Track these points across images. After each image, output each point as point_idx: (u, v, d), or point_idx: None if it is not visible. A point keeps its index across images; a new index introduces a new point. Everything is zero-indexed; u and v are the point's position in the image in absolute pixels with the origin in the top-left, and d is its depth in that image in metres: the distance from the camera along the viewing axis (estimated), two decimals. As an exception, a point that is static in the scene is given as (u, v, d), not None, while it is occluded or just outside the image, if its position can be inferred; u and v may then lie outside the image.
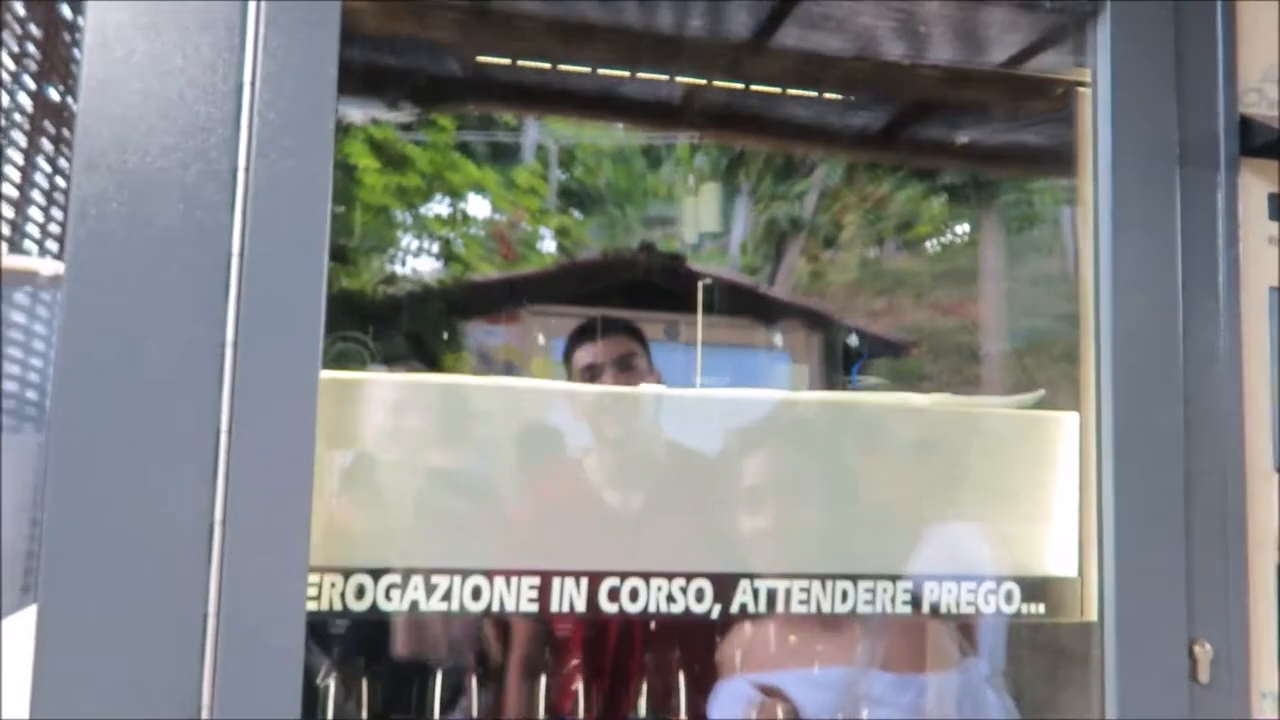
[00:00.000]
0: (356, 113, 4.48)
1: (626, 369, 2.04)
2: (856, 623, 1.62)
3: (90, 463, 0.98)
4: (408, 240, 5.14)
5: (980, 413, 1.40)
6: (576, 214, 6.19)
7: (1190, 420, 1.29)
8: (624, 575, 1.23)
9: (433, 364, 4.42)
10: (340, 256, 4.51)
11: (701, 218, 5.72)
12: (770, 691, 1.65)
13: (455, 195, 5.05)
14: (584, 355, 2.07)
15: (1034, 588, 1.33)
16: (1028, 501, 1.35)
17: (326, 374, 1.06)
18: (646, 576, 1.24)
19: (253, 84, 1.04)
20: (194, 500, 0.99)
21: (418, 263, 4.87)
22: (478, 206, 5.30)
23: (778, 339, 4.97)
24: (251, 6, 1.05)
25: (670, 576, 1.25)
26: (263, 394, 1.02)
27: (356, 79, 1.10)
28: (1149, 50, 1.28)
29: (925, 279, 10.45)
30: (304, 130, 1.05)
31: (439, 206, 5.08)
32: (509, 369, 4.81)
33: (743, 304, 5.23)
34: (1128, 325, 1.26)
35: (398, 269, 4.75)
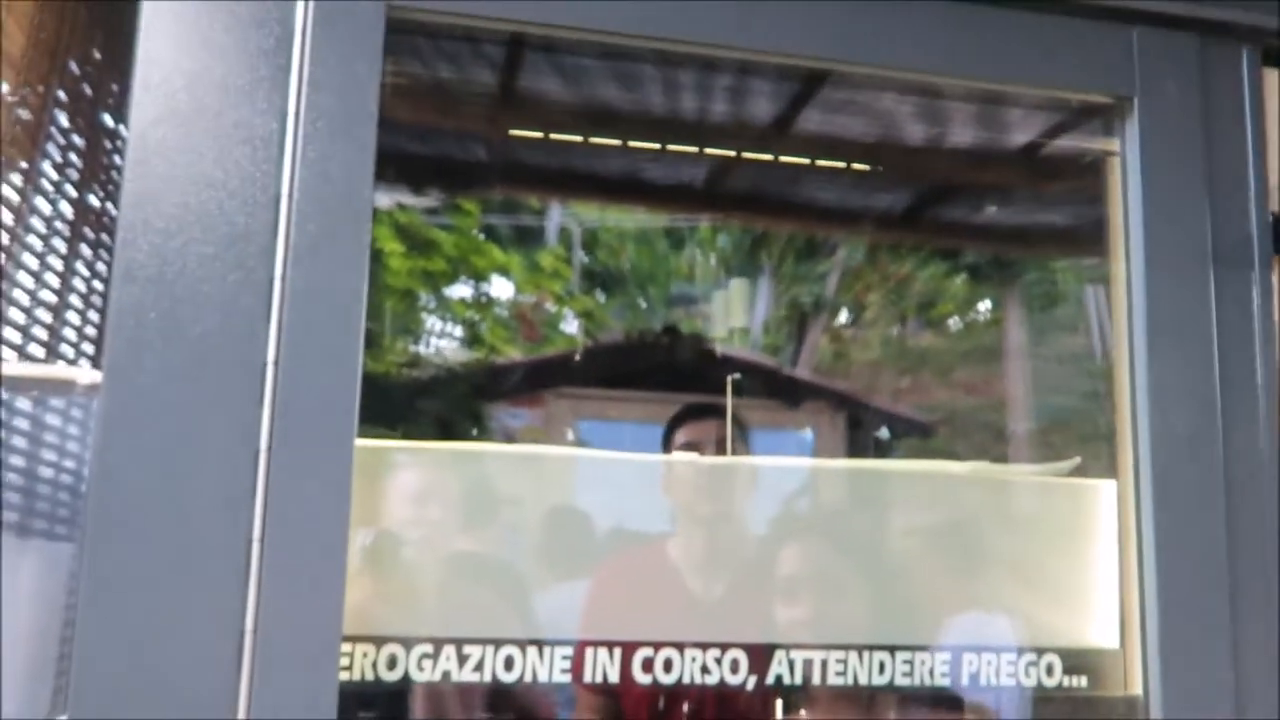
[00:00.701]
0: (383, 198, 4.55)
1: (726, 453, 2.07)
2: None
3: (123, 571, 0.98)
4: (432, 323, 5.18)
5: (1017, 480, 1.39)
6: (600, 296, 6.23)
7: (1233, 502, 1.27)
8: (658, 645, 1.22)
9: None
10: (365, 340, 4.53)
11: (731, 311, 5.76)
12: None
13: (479, 279, 5.10)
14: (685, 433, 2.09)
15: (1076, 659, 1.31)
16: (1067, 570, 1.33)
17: (359, 443, 1.06)
18: (680, 647, 1.23)
19: (290, 195, 1.05)
20: (226, 608, 0.99)
21: (441, 346, 4.90)
22: (501, 289, 5.35)
23: (803, 421, 4.95)
24: (290, 121, 1.07)
25: (705, 647, 1.24)
26: (298, 499, 1.02)
27: (383, 165, 1.12)
28: (1178, 146, 1.28)
29: (949, 357, 10.44)
30: (340, 239, 1.07)
31: (463, 289, 5.12)
32: (533, 451, 4.80)
33: (767, 386, 5.23)
34: (1165, 423, 1.25)
35: (422, 351, 4.77)
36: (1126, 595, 1.28)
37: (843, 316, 8.16)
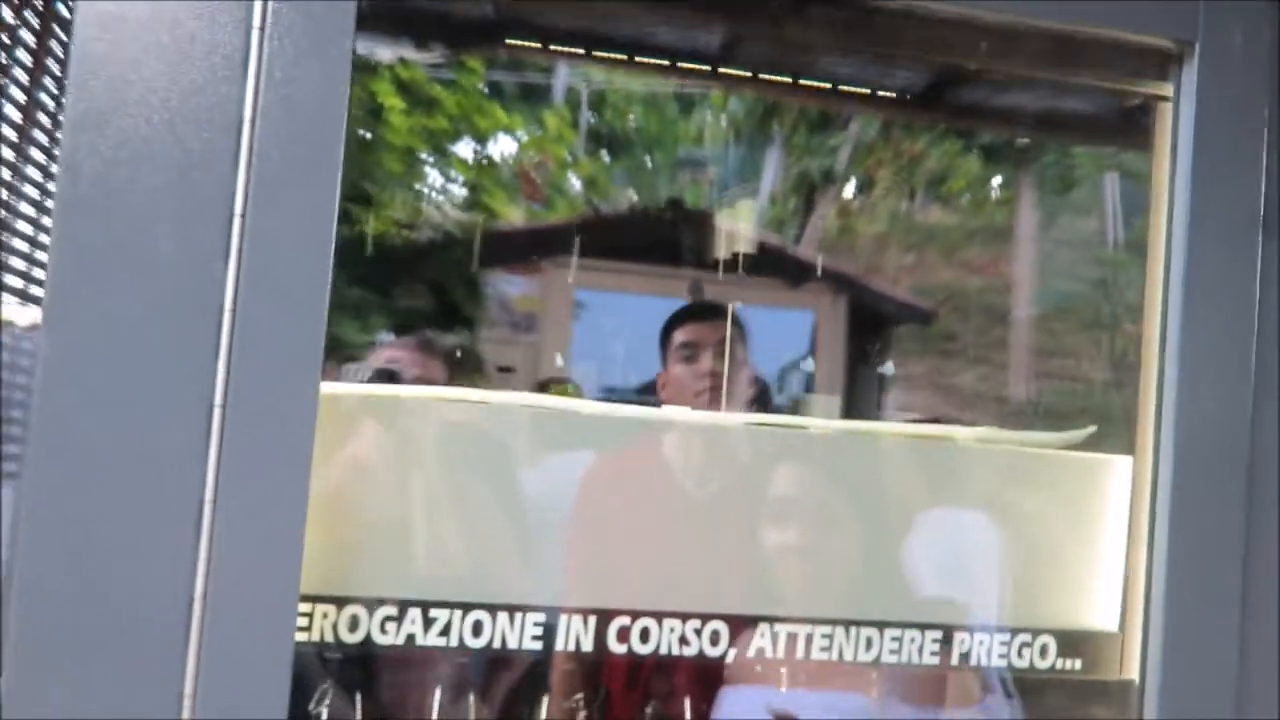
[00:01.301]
0: (385, 52, 4.36)
1: (724, 355, 1.99)
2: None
3: (63, 531, 0.91)
4: (432, 182, 5.04)
5: (1026, 453, 1.31)
6: (605, 157, 6.06)
7: (1254, 490, 1.20)
8: (635, 615, 1.17)
9: (453, 312, 4.36)
10: (363, 199, 4.43)
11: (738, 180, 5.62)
12: (781, 717, 1.58)
13: (482, 140, 4.94)
14: (684, 334, 2.02)
15: (1072, 642, 1.26)
16: (1072, 548, 1.28)
17: (325, 388, 0.98)
18: (659, 617, 1.18)
19: (253, 121, 0.95)
20: (176, 570, 0.93)
21: (441, 207, 4.78)
22: (504, 147, 5.19)
23: (805, 302, 4.87)
24: (254, 36, 0.95)
25: (684, 617, 1.19)
26: (255, 457, 0.94)
27: (386, 17, 1.01)
28: (1238, 101, 1.17)
29: (956, 236, 10.27)
30: (309, 171, 0.96)
31: (465, 149, 4.97)
32: (528, 320, 4.74)
33: (769, 264, 5.12)
34: (1194, 400, 1.16)
35: (420, 212, 4.65)
36: (1131, 577, 1.22)
37: (851, 190, 7.99)
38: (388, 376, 1.43)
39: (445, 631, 1.10)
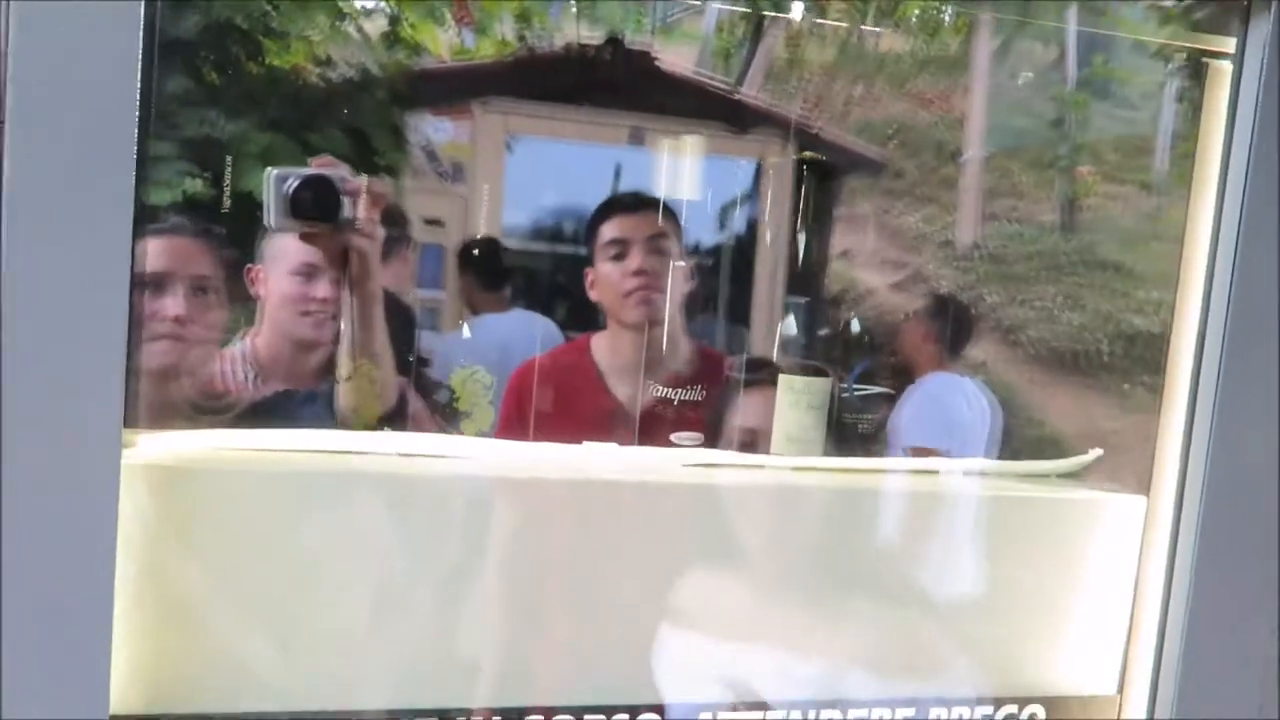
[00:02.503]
0: None
1: (656, 251, 1.82)
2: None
3: None
4: (350, 10, 4.62)
5: (1020, 495, 1.12)
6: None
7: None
8: (549, 713, 0.97)
9: (374, 160, 4.07)
10: (269, 31, 4.05)
11: None
12: None
13: (403, -36, 4.51)
14: (611, 229, 1.85)
15: (1063, 710, 1.09)
16: (1070, 601, 1.11)
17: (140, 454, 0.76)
18: (579, 714, 0.98)
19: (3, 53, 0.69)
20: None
21: (360, 43, 4.39)
22: (431, -29, 4.76)
23: (752, 150, 4.63)
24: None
25: (609, 713, 0.99)
26: (38, 534, 0.73)
27: None
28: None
29: (908, 65, 9.93)
30: (94, 124, 0.71)
31: (386, -26, 4.54)
32: (456, 169, 4.46)
33: (714, 108, 4.85)
34: (1234, 424, 0.97)
35: (334, 50, 4.28)
36: (1133, 633, 1.06)
37: (800, 14, 7.61)
38: (320, 185, 1.34)
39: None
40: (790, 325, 4.69)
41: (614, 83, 4.51)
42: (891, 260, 7.86)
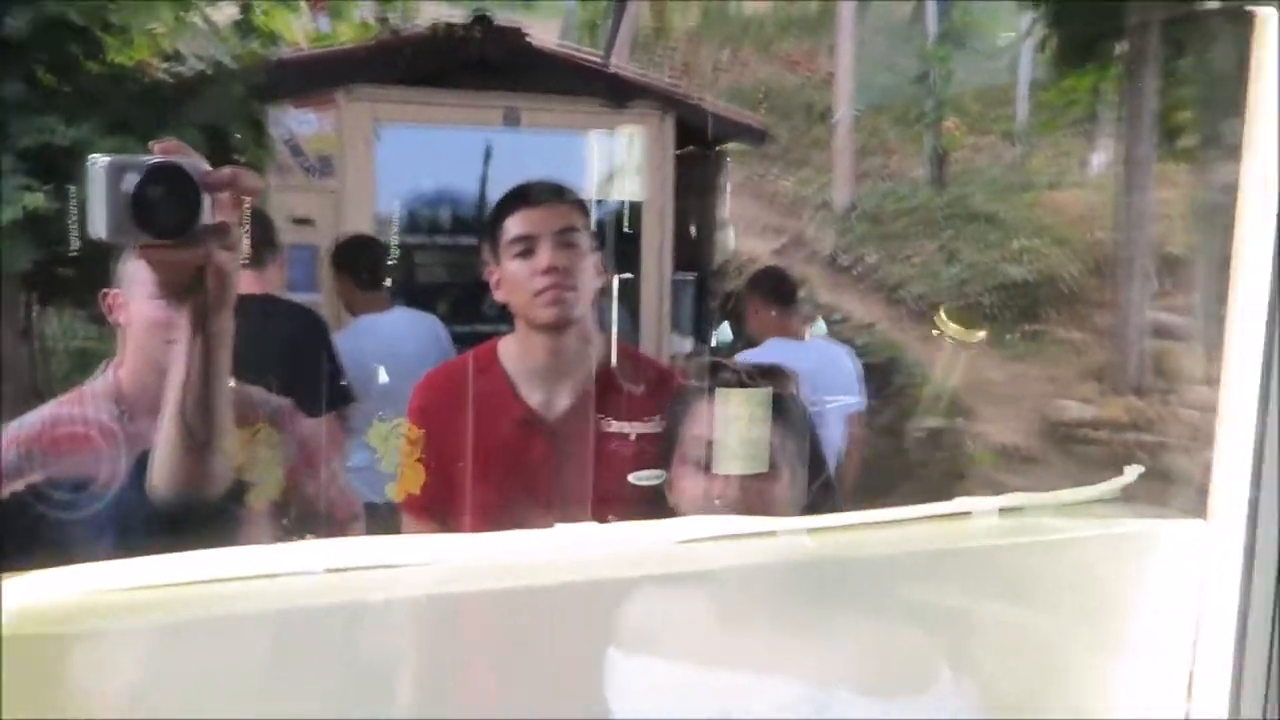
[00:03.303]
0: None
1: (567, 245, 1.67)
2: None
3: None
4: (194, 6, 4.36)
5: (1061, 540, 0.99)
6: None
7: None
8: None
9: (233, 158, 3.82)
10: (108, 26, 3.78)
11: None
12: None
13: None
14: (517, 224, 1.68)
15: None
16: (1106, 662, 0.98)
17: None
18: None
19: None
20: None
21: (208, 36, 4.13)
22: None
23: (630, 122, 4.52)
24: None
25: None
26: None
27: None
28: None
29: (771, 28, 9.95)
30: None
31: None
32: (324, 163, 4.24)
33: (589, 84, 4.72)
34: None
35: (183, 45, 4.01)
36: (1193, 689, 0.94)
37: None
38: (173, 178, 0.94)
39: None
40: (725, 331, 4.57)
41: (485, 62, 4.34)
42: (772, 226, 7.85)
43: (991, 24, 9.61)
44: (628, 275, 4.40)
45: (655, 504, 1.38)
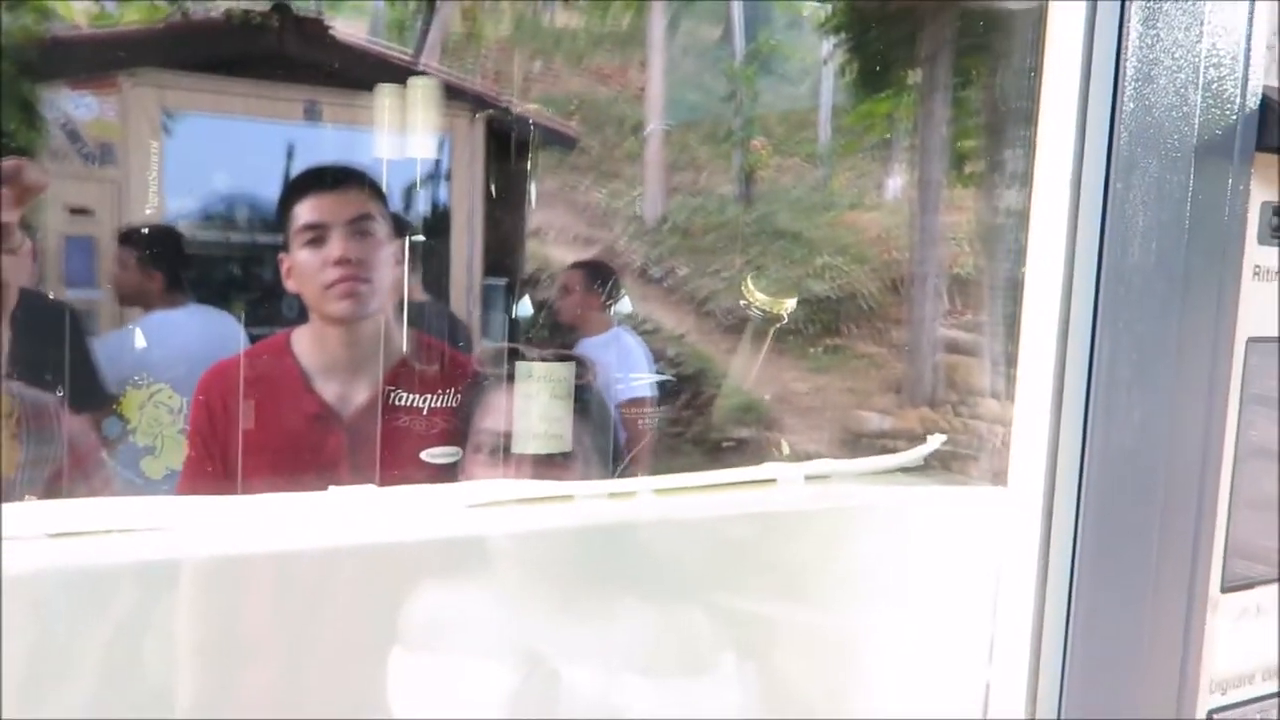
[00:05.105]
0: None
1: (361, 234, 1.56)
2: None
3: None
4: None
5: (865, 506, 0.98)
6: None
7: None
8: None
9: (6, 143, 3.53)
10: None
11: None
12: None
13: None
14: (307, 211, 1.56)
15: None
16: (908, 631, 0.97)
17: None
18: None
19: None
20: None
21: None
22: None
23: (438, 123, 4.40)
24: None
25: None
26: None
27: None
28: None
29: (583, 42, 9.97)
30: None
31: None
32: (104, 150, 3.96)
33: (395, 80, 4.56)
34: (1113, 401, 0.85)
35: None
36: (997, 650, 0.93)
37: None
38: None
39: None
40: (526, 306, 4.50)
41: (284, 53, 4.15)
42: (583, 236, 7.81)
43: (795, 49, 9.90)
44: (419, 238, 4.27)
45: (447, 472, 1.30)
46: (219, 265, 4.15)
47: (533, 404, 1.24)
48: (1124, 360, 0.86)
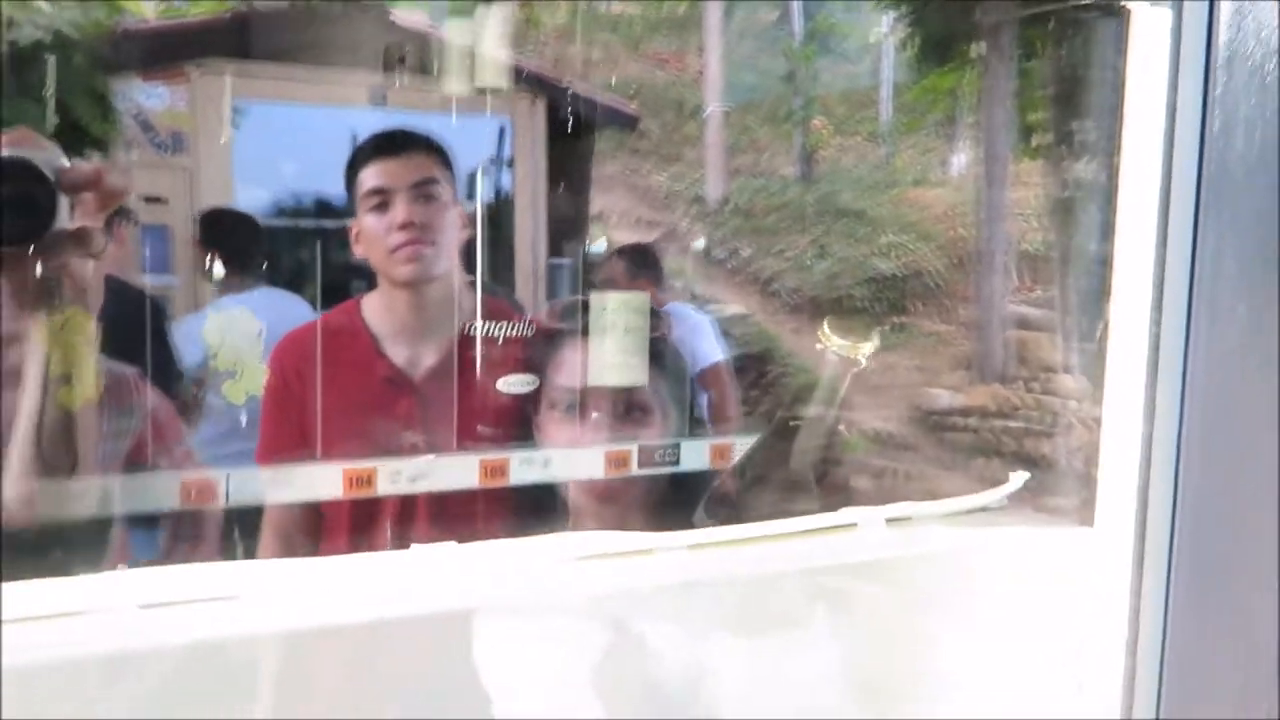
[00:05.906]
0: None
1: (426, 199, 1.58)
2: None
3: None
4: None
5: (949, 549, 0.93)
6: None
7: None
8: None
9: (78, 133, 3.61)
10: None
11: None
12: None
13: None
14: (372, 176, 1.59)
15: None
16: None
17: None
18: None
19: None
20: None
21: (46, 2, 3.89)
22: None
23: (499, 106, 4.42)
24: None
25: None
26: None
27: None
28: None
29: (640, 26, 9.97)
30: None
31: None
32: (176, 138, 4.03)
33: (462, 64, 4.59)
34: (1212, 423, 0.77)
35: (15, 9, 3.77)
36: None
37: (535, -24, 7.44)
38: (20, 175, 0.76)
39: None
40: (602, 244, 4.49)
41: (349, 40, 4.19)
42: (646, 219, 7.82)
43: (854, 27, 9.81)
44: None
45: (523, 428, 1.30)
46: (289, 249, 4.21)
47: (607, 336, 1.24)
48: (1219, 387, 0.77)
